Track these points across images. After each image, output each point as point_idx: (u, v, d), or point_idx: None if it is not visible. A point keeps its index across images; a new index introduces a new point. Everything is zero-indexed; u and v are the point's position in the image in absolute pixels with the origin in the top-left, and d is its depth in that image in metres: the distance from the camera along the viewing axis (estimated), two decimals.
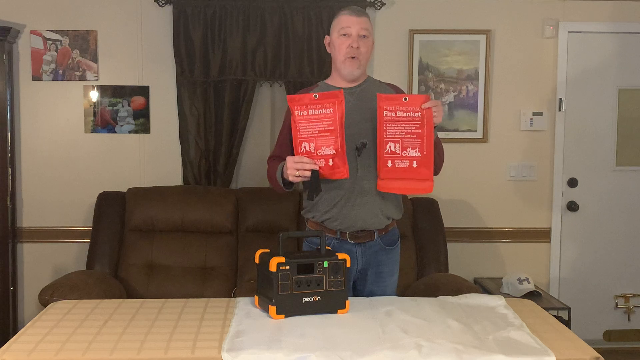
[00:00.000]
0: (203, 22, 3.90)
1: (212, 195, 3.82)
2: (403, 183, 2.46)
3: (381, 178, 2.47)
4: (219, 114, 3.97)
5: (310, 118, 2.40)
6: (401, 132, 2.40)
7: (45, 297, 3.14)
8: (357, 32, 2.55)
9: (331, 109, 2.39)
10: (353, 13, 2.57)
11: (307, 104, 2.40)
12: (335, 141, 2.39)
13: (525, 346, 2.01)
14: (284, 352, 1.93)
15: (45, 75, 3.98)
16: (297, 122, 2.40)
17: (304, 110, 2.40)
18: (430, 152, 2.41)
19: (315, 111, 2.39)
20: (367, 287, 2.67)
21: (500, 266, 4.20)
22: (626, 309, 4.28)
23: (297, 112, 2.40)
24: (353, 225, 2.58)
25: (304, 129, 2.40)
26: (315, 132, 2.40)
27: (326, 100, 2.39)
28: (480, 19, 4.10)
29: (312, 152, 2.41)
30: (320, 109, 2.39)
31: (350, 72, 2.58)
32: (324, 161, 2.41)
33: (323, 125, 2.40)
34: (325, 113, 2.39)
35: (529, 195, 4.19)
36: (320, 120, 2.39)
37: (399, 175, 2.44)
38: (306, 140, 2.41)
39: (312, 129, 2.40)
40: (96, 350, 1.98)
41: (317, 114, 2.39)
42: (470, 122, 4.13)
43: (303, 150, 2.42)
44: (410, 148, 2.41)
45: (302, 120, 2.40)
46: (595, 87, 4.19)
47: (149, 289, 3.59)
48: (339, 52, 2.58)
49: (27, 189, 4.02)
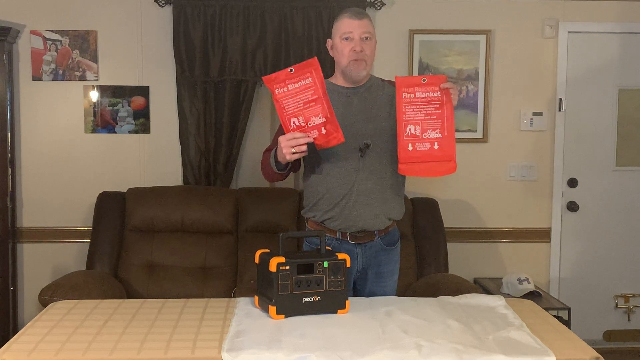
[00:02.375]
0: (203, 22, 3.90)
1: (212, 195, 3.82)
2: (425, 166, 2.43)
3: (402, 162, 2.44)
4: (219, 114, 3.97)
5: (292, 92, 2.36)
6: (421, 114, 2.39)
7: (45, 297, 3.14)
8: (360, 36, 2.54)
9: (310, 79, 2.35)
10: (354, 16, 2.56)
11: (285, 80, 2.36)
12: (322, 109, 2.36)
13: (525, 346, 2.01)
14: (284, 352, 1.93)
15: (45, 76, 3.98)
16: (280, 100, 2.37)
17: (283, 86, 2.36)
18: (451, 132, 2.39)
19: (294, 84, 2.36)
20: (368, 287, 2.68)
21: (500, 266, 4.20)
22: (626, 309, 4.28)
23: (277, 90, 2.36)
24: (354, 226, 2.58)
25: (289, 105, 2.37)
26: (301, 105, 2.36)
27: (303, 71, 2.36)
28: (480, 19, 4.10)
29: (302, 125, 2.37)
30: (299, 81, 2.36)
31: (357, 74, 2.58)
32: (317, 131, 2.37)
33: (306, 96, 2.36)
34: (305, 84, 2.36)
35: (529, 195, 4.19)
36: (303, 92, 2.36)
37: (420, 159, 2.41)
38: (294, 115, 2.38)
39: (296, 103, 2.37)
40: (96, 350, 1.98)
41: (298, 87, 2.36)
42: (470, 122, 4.13)
43: (293, 127, 2.38)
44: (430, 130, 2.40)
45: (285, 97, 2.37)
46: (595, 87, 4.18)
47: (149, 289, 3.59)
48: (342, 56, 2.57)
49: (27, 189, 4.02)
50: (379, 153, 2.55)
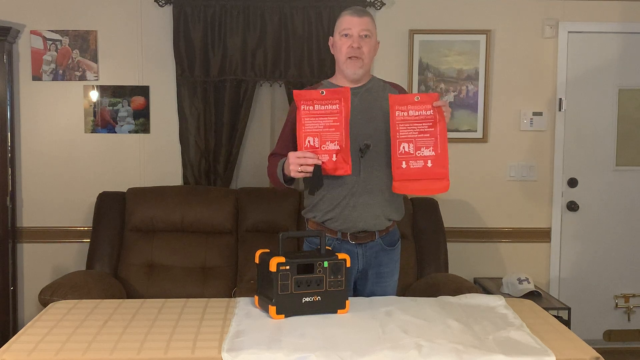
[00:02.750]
0: (203, 22, 3.90)
1: (212, 195, 3.82)
2: (419, 184, 2.45)
3: (396, 180, 2.45)
4: (219, 114, 3.97)
5: (316, 113, 2.39)
6: (414, 132, 2.40)
7: (45, 297, 3.15)
8: (358, 33, 2.55)
9: (337, 106, 2.39)
10: (354, 13, 2.57)
11: (314, 100, 2.39)
12: (340, 137, 2.39)
13: (525, 346, 2.01)
14: (284, 352, 1.93)
15: (45, 75, 3.98)
16: (302, 117, 2.40)
17: (310, 105, 2.39)
18: (444, 150, 2.41)
19: (321, 107, 2.39)
20: (368, 287, 2.67)
21: (500, 266, 4.20)
22: (626, 309, 4.28)
23: (303, 107, 2.39)
24: (354, 226, 2.58)
25: (309, 124, 2.39)
26: (321, 127, 2.39)
27: (333, 97, 2.39)
28: (480, 19, 4.10)
29: (316, 146, 2.39)
30: (326, 105, 2.39)
31: (352, 72, 2.58)
32: (328, 156, 2.39)
33: (328, 121, 2.39)
34: (331, 109, 2.39)
35: (529, 195, 4.19)
36: (326, 116, 2.39)
37: (414, 176, 2.43)
38: (311, 135, 2.40)
39: (317, 123, 2.39)
40: (96, 350, 1.98)
41: (323, 110, 2.39)
42: (470, 122, 4.13)
43: (307, 145, 2.40)
44: (424, 147, 2.41)
45: (308, 115, 2.39)
46: (595, 87, 4.18)
47: (149, 289, 3.59)
48: (341, 52, 2.58)
49: (27, 189, 4.02)
50: (379, 154, 2.55)
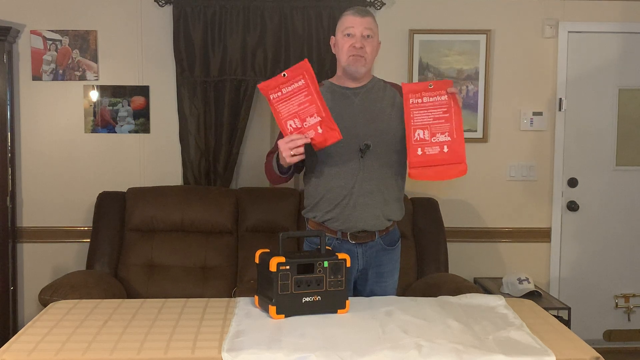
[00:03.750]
0: (203, 22, 3.90)
1: (212, 195, 3.82)
2: (436, 170, 2.44)
3: (412, 167, 2.45)
4: (219, 114, 3.97)
5: (286, 96, 2.39)
6: (429, 118, 2.40)
7: (45, 297, 3.15)
8: (361, 32, 2.55)
9: (302, 81, 2.38)
10: (357, 13, 2.57)
11: (279, 85, 2.39)
12: (317, 108, 2.37)
13: (525, 346, 2.01)
14: (284, 352, 1.93)
15: (45, 75, 3.98)
16: (275, 105, 2.40)
17: (277, 91, 2.39)
18: (460, 135, 2.40)
19: (288, 88, 2.38)
20: (368, 287, 2.67)
21: (500, 266, 4.20)
22: (626, 309, 4.28)
23: (272, 96, 2.39)
24: (354, 226, 2.58)
25: (284, 109, 2.39)
26: (296, 107, 2.38)
27: (295, 74, 2.38)
28: (480, 19, 4.10)
29: (299, 127, 2.39)
30: (292, 84, 2.38)
31: (355, 70, 2.58)
32: (314, 131, 2.38)
33: (300, 98, 2.38)
34: (298, 86, 2.38)
35: (529, 195, 4.19)
36: (296, 95, 2.38)
37: (431, 162, 2.42)
38: (290, 118, 2.39)
39: (291, 105, 2.39)
40: (96, 350, 1.98)
41: (291, 89, 2.38)
42: (470, 122, 4.13)
43: (290, 129, 2.40)
44: (439, 133, 2.40)
45: (279, 101, 2.39)
46: (595, 87, 4.18)
47: (149, 289, 3.59)
48: (343, 51, 2.58)
49: (27, 189, 4.02)
50: (379, 154, 2.55)
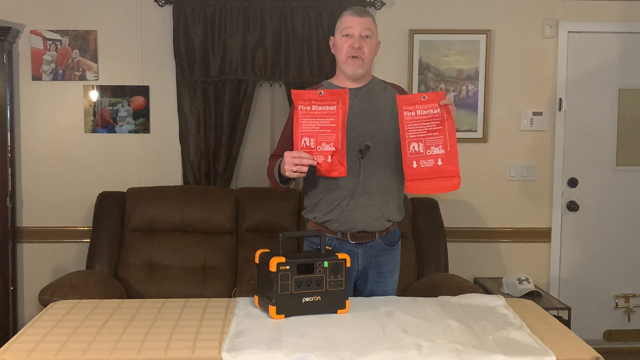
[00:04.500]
0: (203, 22, 3.90)
1: (212, 195, 3.82)
2: (430, 183, 2.44)
3: (408, 180, 2.46)
4: (219, 114, 3.97)
5: (313, 114, 2.39)
6: (423, 131, 2.40)
7: (45, 297, 3.14)
8: (359, 33, 2.55)
9: (335, 107, 2.38)
10: (356, 13, 2.57)
11: (312, 100, 2.39)
12: (336, 139, 2.38)
13: (525, 346, 2.01)
14: (284, 352, 1.93)
15: (45, 75, 3.98)
16: (299, 117, 2.40)
17: (307, 105, 2.39)
18: (453, 148, 2.40)
19: (318, 107, 2.39)
20: (368, 287, 2.67)
21: (500, 266, 4.20)
22: (626, 309, 4.28)
23: (301, 107, 2.39)
24: (354, 227, 2.58)
25: (306, 124, 2.39)
26: (317, 128, 2.39)
27: (331, 98, 2.39)
28: (480, 19, 4.10)
29: (311, 147, 2.39)
30: (324, 106, 2.39)
31: (353, 71, 2.58)
32: (323, 157, 2.39)
33: (325, 122, 2.39)
34: (328, 110, 2.39)
35: (529, 195, 4.19)
36: (323, 117, 2.39)
37: (426, 175, 2.43)
38: (307, 135, 2.40)
39: (313, 124, 2.39)
40: (96, 350, 1.98)
41: (321, 110, 2.39)
42: (470, 122, 4.13)
43: (303, 145, 2.40)
44: (433, 146, 2.41)
45: (305, 115, 2.39)
46: (595, 87, 4.18)
47: (149, 289, 3.59)
48: (341, 52, 2.58)
49: (27, 189, 4.02)
50: (379, 155, 2.55)
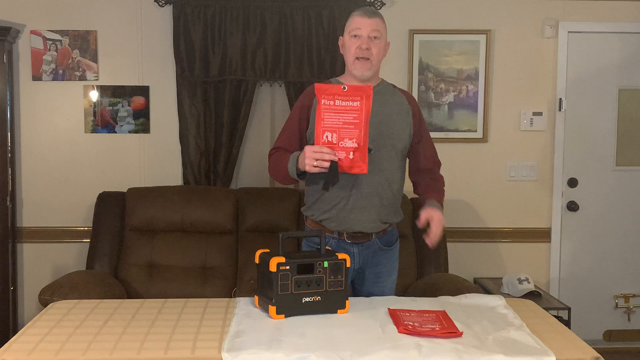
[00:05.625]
0: (203, 22, 3.90)
1: (212, 195, 3.82)
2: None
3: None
4: (219, 114, 3.97)
5: (337, 109, 2.36)
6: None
7: (45, 297, 3.15)
8: (368, 34, 2.54)
9: (358, 102, 2.35)
10: (365, 14, 2.55)
11: (335, 94, 2.36)
12: (358, 135, 2.35)
13: (525, 346, 2.01)
14: (284, 352, 1.93)
15: (45, 75, 3.98)
16: (322, 111, 2.36)
17: (330, 100, 2.36)
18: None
19: (342, 102, 2.36)
20: (365, 287, 2.67)
21: (500, 266, 4.20)
22: (626, 309, 4.28)
23: (324, 101, 2.36)
24: (350, 228, 2.58)
25: (328, 119, 2.36)
26: (340, 124, 2.36)
27: (355, 94, 2.36)
28: (480, 19, 4.10)
29: (333, 142, 2.36)
30: (347, 101, 2.36)
31: (360, 73, 2.57)
32: (345, 153, 2.36)
33: (348, 117, 2.36)
34: (352, 106, 2.36)
35: (529, 195, 4.19)
36: (347, 112, 2.36)
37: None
38: (329, 130, 2.36)
39: (336, 119, 2.36)
40: (96, 350, 1.97)
41: (344, 106, 2.36)
42: (470, 122, 4.13)
43: (324, 140, 2.37)
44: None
45: (328, 110, 2.36)
46: (595, 87, 4.19)
47: (149, 289, 3.59)
48: (350, 52, 2.57)
49: (27, 189, 4.03)
50: (380, 158, 2.54)
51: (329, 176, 2.38)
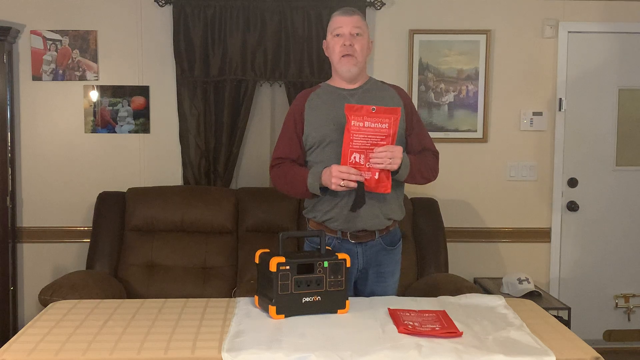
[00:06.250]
0: (203, 22, 3.90)
1: (212, 195, 3.82)
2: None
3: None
4: (219, 114, 3.97)
5: (366, 131, 2.40)
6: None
7: (45, 297, 3.15)
8: (350, 31, 2.56)
9: (387, 125, 2.40)
10: (344, 13, 2.60)
11: (364, 116, 2.40)
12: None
13: (525, 346, 2.02)
14: (284, 352, 1.93)
15: (45, 75, 3.98)
16: (351, 132, 2.40)
17: (360, 121, 2.39)
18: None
19: (371, 124, 2.40)
20: (368, 286, 2.67)
21: (500, 266, 4.20)
22: (626, 309, 4.28)
23: (353, 122, 2.40)
24: (354, 226, 2.58)
25: (357, 140, 2.40)
26: (367, 145, 2.40)
27: (383, 115, 2.40)
28: (480, 19, 4.10)
29: (361, 163, 2.41)
30: (376, 123, 2.40)
31: (347, 69, 2.59)
32: (371, 174, 2.41)
33: (376, 139, 2.40)
34: (380, 127, 2.40)
35: (529, 195, 4.19)
36: (375, 134, 2.40)
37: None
38: (357, 152, 2.41)
39: (365, 141, 2.40)
40: (96, 350, 1.98)
41: (373, 128, 2.40)
42: (470, 122, 4.13)
43: (352, 161, 2.41)
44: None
45: (357, 131, 2.40)
46: (595, 87, 4.18)
47: (149, 289, 3.59)
48: (334, 52, 2.60)
49: (27, 189, 4.02)
50: None
51: (357, 198, 2.43)
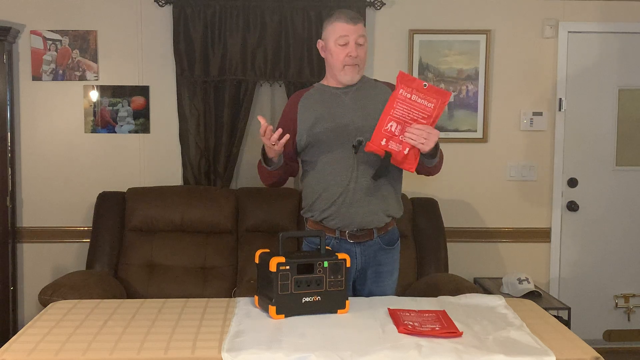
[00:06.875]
0: (203, 22, 3.90)
1: (212, 195, 3.82)
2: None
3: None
4: (219, 114, 3.97)
5: (411, 102, 2.36)
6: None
7: (45, 297, 3.15)
8: (355, 40, 2.55)
9: (433, 105, 2.35)
10: (350, 21, 2.55)
11: (414, 89, 2.35)
12: None
13: (525, 346, 2.01)
14: (284, 352, 1.93)
15: (45, 75, 3.98)
16: (397, 99, 2.35)
17: (409, 92, 2.35)
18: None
19: (418, 99, 2.36)
20: (367, 286, 2.67)
21: (500, 266, 4.20)
22: (626, 309, 4.28)
23: (402, 91, 2.35)
24: (351, 224, 2.58)
25: (399, 110, 2.36)
26: (408, 118, 2.36)
27: (433, 95, 2.36)
28: (480, 19, 4.10)
29: (395, 134, 2.37)
30: (423, 100, 2.35)
31: (350, 78, 2.59)
32: (401, 147, 2.37)
33: (418, 115, 2.36)
34: (426, 105, 2.36)
35: (529, 195, 4.19)
36: (419, 110, 2.36)
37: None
38: (396, 121, 2.36)
39: (407, 112, 2.36)
40: (96, 350, 1.98)
41: (419, 103, 2.36)
42: (470, 122, 4.13)
43: (388, 129, 2.37)
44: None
45: (402, 101, 2.36)
46: (595, 87, 4.18)
47: (149, 289, 3.59)
48: (337, 60, 2.58)
49: (27, 189, 4.02)
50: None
51: (382, 166, 2.40)
